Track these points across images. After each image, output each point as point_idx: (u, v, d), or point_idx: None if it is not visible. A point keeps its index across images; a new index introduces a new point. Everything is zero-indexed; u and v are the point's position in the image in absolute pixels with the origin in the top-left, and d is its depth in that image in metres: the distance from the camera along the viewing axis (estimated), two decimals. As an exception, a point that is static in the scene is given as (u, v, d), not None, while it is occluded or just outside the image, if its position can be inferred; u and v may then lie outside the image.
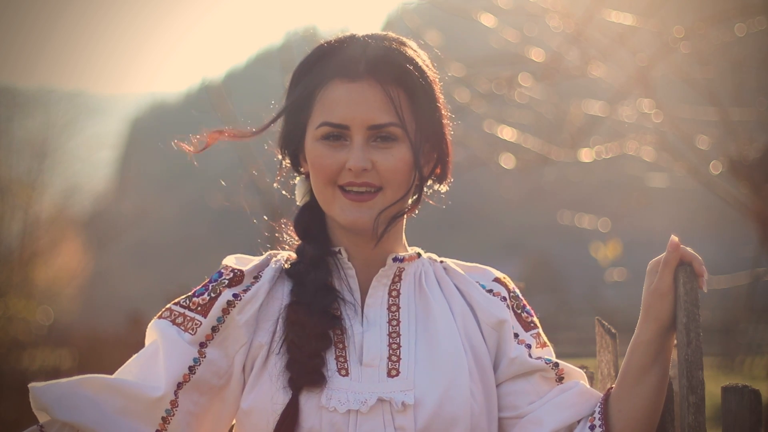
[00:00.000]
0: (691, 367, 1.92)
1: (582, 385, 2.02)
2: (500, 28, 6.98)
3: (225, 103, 9.60)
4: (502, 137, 7.43)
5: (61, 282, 20.90)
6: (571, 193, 15.22)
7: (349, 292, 1.99)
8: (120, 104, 42.46)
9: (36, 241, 19.60)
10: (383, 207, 1.95)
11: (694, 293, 1.95)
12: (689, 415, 1.92)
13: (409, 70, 1.97)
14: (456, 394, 1.94)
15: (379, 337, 1.97)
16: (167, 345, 1.95)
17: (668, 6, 6.83)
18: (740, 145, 7.29)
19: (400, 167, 1.95)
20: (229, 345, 1.96)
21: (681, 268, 1.96)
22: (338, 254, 2.00)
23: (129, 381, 1.96)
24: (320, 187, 1.97)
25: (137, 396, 1.93)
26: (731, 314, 15.96)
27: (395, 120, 1.94)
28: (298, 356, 1.92)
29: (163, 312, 2.00)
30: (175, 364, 1.93)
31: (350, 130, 1.94)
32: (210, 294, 1.98)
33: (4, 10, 47.76)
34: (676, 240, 1.94)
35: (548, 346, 2.08)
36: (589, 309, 19.50)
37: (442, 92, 2.04)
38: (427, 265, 2.07)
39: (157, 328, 1.98)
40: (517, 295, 2.09)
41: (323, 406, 1.90)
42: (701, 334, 1.95)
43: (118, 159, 37.43)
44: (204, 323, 1.96)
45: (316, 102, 1.97)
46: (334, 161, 1.94)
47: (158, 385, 1.93)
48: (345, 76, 1.95)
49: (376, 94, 1.94)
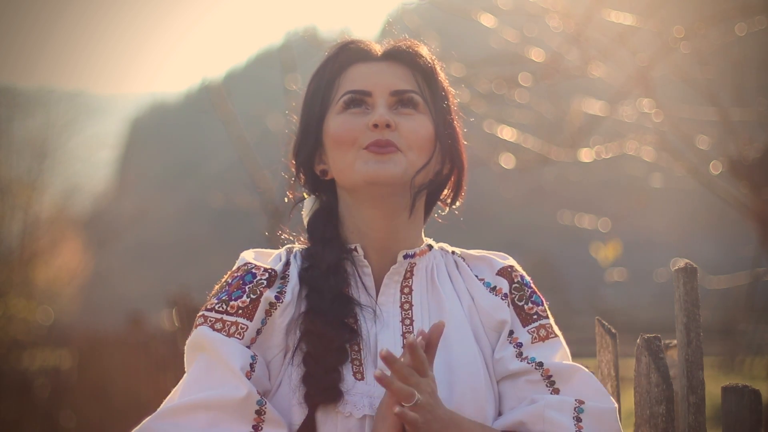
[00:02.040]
0: (691, 367, 1.92)
1: (538, 407, 1.90)
2: (500, 28, 6.98)
3: (225, 103, 9.60)
4: (502, 137, 7.42)
5: (61, 282, 20.90)
6: (571, 193, 15.22)
7: (365, 291, 1.95)
8: (120, 104, 42.45)
9: (36, 241, 19.59)
10: (406, 167, 1.91)
11: (694, 293, 1.94)
12: (689, 415, 1.92)
13: (426, 61, 1.99)
14: (472, 399, 1.91)
15: (393, 339, 1.92)
16: (222, 346, 1.85)
17: (668, 6, 6.83)
18: (740, 145, 7.29)
19: (423, 133, 1.93)
20: (267, 348, 1.90)
21: (681, 268, 1.95)
22: (354, 251, 1.95)
23: (203, 395, 1.83)
24: (342, 152, 1.93)
25: (221, 403, 1.82)
26: (731, 314, 15.95)
27: (416, 89, 1.95)
28: (314, 370, 1.86)
29: (197, 321, 1.91)
30: (238, 360, 1.84)
31: (372, 96, 1.93)
32: (249, 296, 1.90)
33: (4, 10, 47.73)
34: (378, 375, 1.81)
35: (553, 337, 1.98)
36: (589, 309, 19.49)
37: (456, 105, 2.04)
38: (439, 257, 2.02)
39: (199, 337, 1.88)
40: (522, 284, 2.03)
41: (339, 412, 1.86)
42: (701, 334, 1.95)
43: (118, 159, 37.43)
44: (250, 326, 1.88)
45: (336, 88, 1.96)
46: (357, 124, 1.92)
47: (236, 383, 1.82)
48: (364, 59, 1.97)
49: (397, 69, 1.96)
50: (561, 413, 1.89)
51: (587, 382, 1.94)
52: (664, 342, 2.10)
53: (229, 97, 9.72)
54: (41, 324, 13.12)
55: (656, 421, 2.03)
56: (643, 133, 7.49)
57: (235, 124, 9.36)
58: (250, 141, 9.36)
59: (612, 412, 1.90)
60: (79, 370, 10.81)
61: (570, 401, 1.90)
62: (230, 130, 9.42)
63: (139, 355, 9.99)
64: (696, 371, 1.92)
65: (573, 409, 1.89)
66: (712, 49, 7.00)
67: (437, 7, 7.59)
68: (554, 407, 1.89)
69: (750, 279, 9.82)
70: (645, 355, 2.06)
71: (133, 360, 10.03)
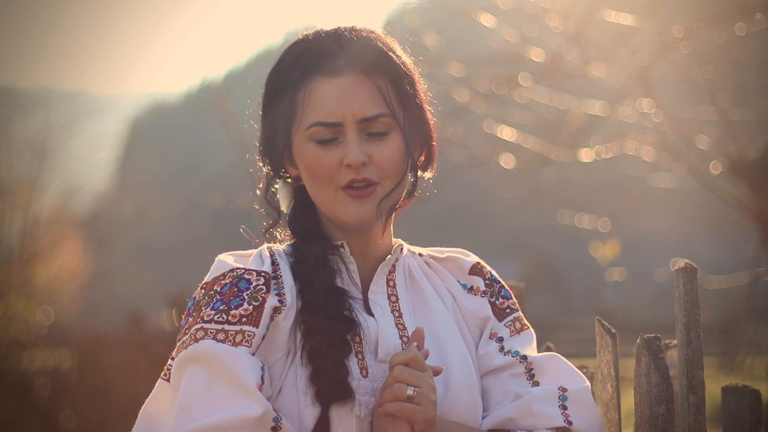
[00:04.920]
0: (691, 367, 1.92)
1: (524, 401, 1.93)
2: (500, 28, 6.98)
3: (225, 103, 9.59)
4: (502, 137, 7.42)
5: (61, 282, 20.89)
6: (571, 194, 15.20)
7: (354, 287, 1.95)
8: (120, 104, 42.48)
9: (36, 241, 19.59)
10: (382, 197, 1.92)
11: (694, 293, 1.94)
12: (689, 415, 1.92)
13: (389, 57, 1.94)
14: (466, 395, 1.92)
15: (391, 330, 1.93)
16: (231, 359, 1.78)
17: (668, 6, 6.83)
18: (740, 145, 7.28)
19: (396, 157, 1.92)
20: (269, 353, 1.86)
21: (681, 268, 1.95)
22: (341, 248, 1.96)
23: (215, 418, 1.74)
24: (320, 189, 1.92)
25: (236, 424, 1.74)
26: (731, 314, 15.96)
27: (385, 110, 1.91)
28: (321, 366, 1.84)
29: (196, 334, 1.83)
30: (252, 374, 1.77)
31: (343, 126, 1.90)
32: (251, 303, 1.84)
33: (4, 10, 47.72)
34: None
35: (525, 329, 2.02)
36: (589, 309, 19.50)
37: (420, 75, 2.01)
38: (410, 258, 2.04)
39: (201, 351, 1.80)
40: (492, 280, 2.05)
41: (356, 415, 1.85)
42: (701, 334, 1.95)
43: (118, 159, 37.45)
44: (257, 333, 1.83)
45: (301, 103, 1.92)
46: (331, 160, 1.90)
47: (248, 402, 1.75)
48: (327, 72, 1.91)
49: (363, 86, 1.91)
50: (547, 404, 1.93)
51: (561, 368, 1.98)
52: (664, 342, 2.10)
53: (229, 97, 9.71)
54: (41, 324, 13.11)
55: (656, 421, 2.03)
56: (643, 133, 7.49)
57: (235, 124, 9.36)
58: (250, 141, 9.34)
59: (587, 389, 1.96)
60: (79, 370, 10.82)
61: (554, 390, 1.94)
62: (230, 130, 9.41)
63: (139, 355, 9.99)
64: (696, 371, 1.92)
65: (558, 398, 1.93)
66: (712, 49, 7.00)
67: (437, 7, 7.59)
68: (540, 399, 1.93)
69: (750, 279, 9.80)
70: (645, 355, 2.06)
71: (133, 360, 10.03)
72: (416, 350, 1.83)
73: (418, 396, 1.79)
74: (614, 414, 2.25)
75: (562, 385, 1.94)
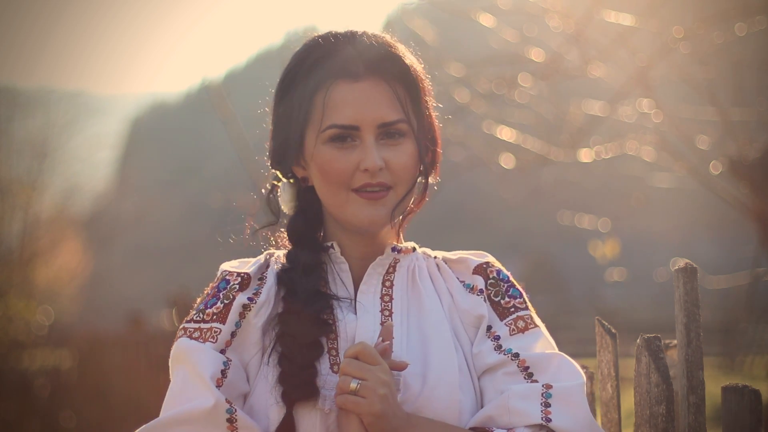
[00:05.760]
0: (691, 367, 1.92)
1: (502, 398, 1.92)
2: (500, 28, 6.98)
3: (225, 103, 9.59)
4: (501, 137, 7.42)
5: (61, 282, 20.92)
6: (571, 194, 15.20)
7: (343, 287, 1.98)
8: (120, 104, 42.52)
9: (36, 241, 19.61)
10: (395, 203, 1.95)
11: (694, 293, 1.94)
12: (689, 415, 1.92)
13: (406, 65, 1.97)
14: (444, 393, 1.92)
15: (373, 328, 1.95)
16: (194, 355, 1.90)
17: (668, 6, 6.83)
18: (740, 145, 7.28)
19: (410, 163, 1.95)
20: (244, 349, 1.93)
21: (681, 269, 1.95)
22: (330, 249, 1.99)
23: (176, 410, 1.87)
24: (332, 191, 1.95)
25: (193, 416, 1.85)
26: (731, 314, 15.95)
27: (402, 116, 1.94)
28: (288, 369, 1.89)
29: (177, 334, 1.97)
30: (209, 368, 1.88)
31: (360, 130, 1.92)
32: (223, 301, 1.94)
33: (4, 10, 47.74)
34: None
35: (533, 327, 1.99)
36: (589, 309, 19.48)
37: (429, 83, 2.03)
38: (421, 260, 2.06)
39: (178, 349, 1.94)
40: (498, 279, 2.04)
41: (319, 409, 1.89)
42: (701, 334, 1.95)
43: (118, 159, 37.46)
44: (224, 329, 1.92)
45: (318, 106, 1.94)
46: (347, 163, 1.92)
47: (205, 395, 1.86)
48: (347, 76, 1.93)
49: (382, 92, 1.94)
50: (527, 401, 1.90)
51: (563, 366, 1.95)
52: (664, 342, 2.10)
53: (229, 97, 9.71)
54: (41, 324, 13.11)
55: (656, 421, 2.03)
56: (643, 133, 7.49)
57: (235, 124, 9.36)
58: (250, 141, 9.35)
59: (579, 386, 1.91)
60: (79, 370, 10.82)
61: (537, 387, 1.91)
62: (230, 130, 9.41)
63: (139, 355, 10.00)
64: (696, 371, 1.92)
65: (540, 395, 1.91)
66: (712, 49, 6.99)
67: (437, 7, 7.59)
68: (519, 396, 1.91)
69: (750, 279, 9.81)
70: (645, 355, 2.06)
71: (133, 360, 10.04)
72: (366, 343, 1.85)
73: (362, 389, 1.82)
74: (614, 414, 2.25)
75: (550, 383, 1.92)
